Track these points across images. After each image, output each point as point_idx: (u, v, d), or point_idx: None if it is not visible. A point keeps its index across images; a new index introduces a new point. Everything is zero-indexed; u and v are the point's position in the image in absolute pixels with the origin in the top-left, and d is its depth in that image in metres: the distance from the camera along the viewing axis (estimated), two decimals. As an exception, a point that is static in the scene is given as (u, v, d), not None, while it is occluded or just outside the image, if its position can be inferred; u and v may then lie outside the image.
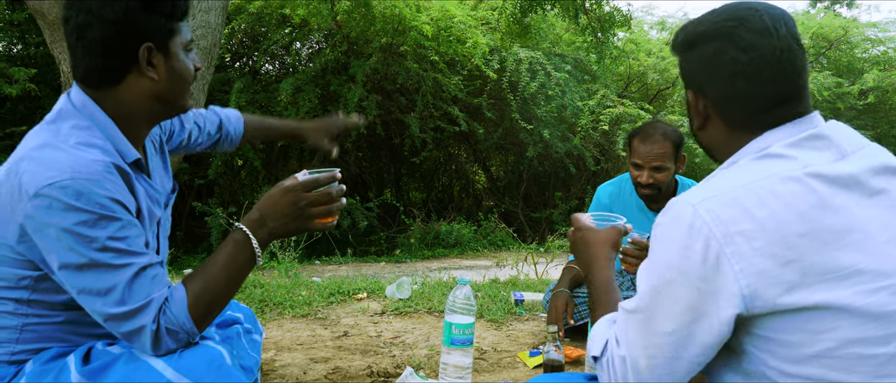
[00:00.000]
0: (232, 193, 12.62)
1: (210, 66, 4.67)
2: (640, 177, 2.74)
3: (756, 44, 1.08)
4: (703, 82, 1.15)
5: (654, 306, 1.06)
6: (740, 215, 0.98)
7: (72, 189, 1.15)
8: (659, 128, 2.75)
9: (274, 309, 3.38)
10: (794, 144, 1.06)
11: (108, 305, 1.19)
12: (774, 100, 1.09)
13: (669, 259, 1.04)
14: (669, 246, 1.04)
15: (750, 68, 1.08)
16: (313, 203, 1.32)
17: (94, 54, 1.27)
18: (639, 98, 15.07)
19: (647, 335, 1.06)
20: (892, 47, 16.18)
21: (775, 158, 1.05)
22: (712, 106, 1.16)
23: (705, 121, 1.19)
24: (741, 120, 1.13)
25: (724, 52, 1.10)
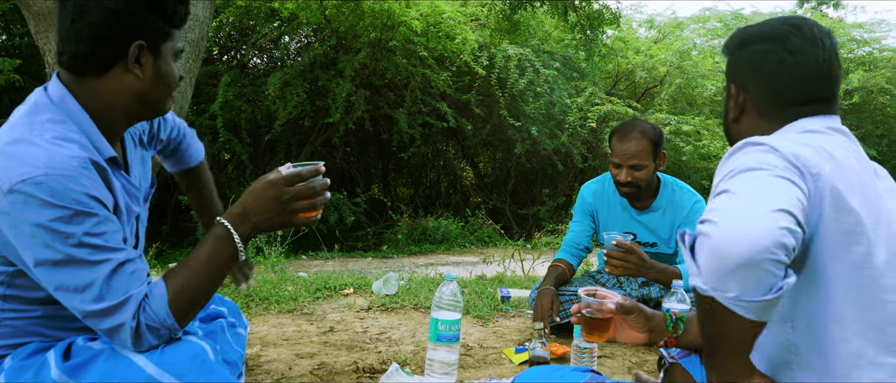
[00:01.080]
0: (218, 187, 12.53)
1: (197, 59, 4.63)
2: (618, 175, 2.77)
3: (804, 49, 1.24)
4: (747, 77, 1.31)
5: (740, 184, 1.06)
6: (813, 154, 1.10)
7: (47, 185, 1.13)
8: (637, 126, 2.76)
9: (259, 304, 3.36)
10: (830, 129, 1.23)
11: (86, 302, 1.17)
12: (809, 99, 1.25)
13: (747, 162, 1.08)
14: (746, 160, 1.09)
15: (795, 69, 1.24)
16: (297, 197, 1.30)
17: (86, 40, 1.25)
18: (627, 96, 15.12)
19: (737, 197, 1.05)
20: (877, 48, 16.33)
21: (818, 133, 1.21)
22: (752, 98, 1.31)
23: (741, 114, 1.34)
24: (775, 112, 1.28)
25: (773, 52, 1.26)
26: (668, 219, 2.86)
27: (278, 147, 12.99)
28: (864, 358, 1.06)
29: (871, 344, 1.06)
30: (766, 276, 0.94)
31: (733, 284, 0.95)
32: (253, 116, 12.15)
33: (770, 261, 0.93)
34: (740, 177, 1.06)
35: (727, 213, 0.98)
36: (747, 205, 0.98)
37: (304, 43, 12.92)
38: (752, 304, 0.96)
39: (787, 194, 1.00)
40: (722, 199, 1.02)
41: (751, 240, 0.93)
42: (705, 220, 1.01)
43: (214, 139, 11.21)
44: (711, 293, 0.99)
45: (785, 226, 0.95)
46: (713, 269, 0.97)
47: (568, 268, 3.00)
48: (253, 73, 12.66)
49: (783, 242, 0.94)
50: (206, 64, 11.69)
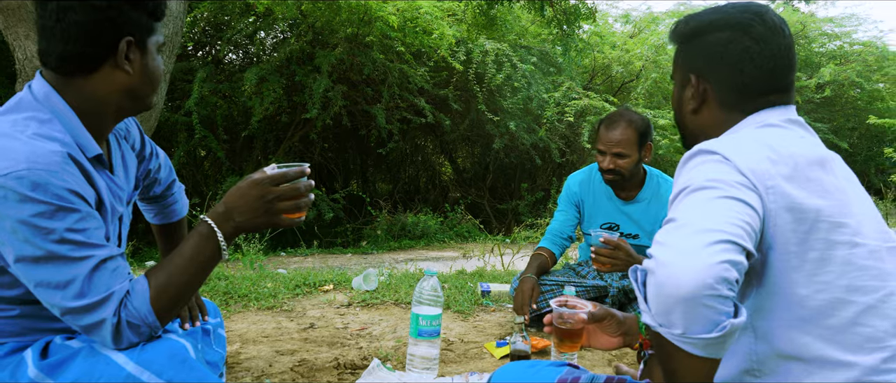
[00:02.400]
0: (195, 184, 12.42)
1: (172, 55, 4.58)
2: (602, 162, 2.80)
3: (768, 38, 1.23)
4: (709, 66, 1.28)
5: (686, 210, 1.04)
6: (769, 165, 1.09)
7: (28, 180, 1.12)
8: (625, 115, 2.78)
9: (238, 302, 3.34)
10: (787, 121, 1.22)
11: (66, 298, 1.16)
12: (771, 88, 1.24)
13: (698, 179, 1.07)
14: (698, 175, 1.08)
15: (759, 58, 1.23)
16: (281, 197, 1.29)
17: (73, 39, 1.23)
18: (604, 90, 15.22)
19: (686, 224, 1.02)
20: (847, 42, 16.60)
21: (776, 127, 1.20)
22: (713, 88, 1.28)
23: (701, 105, 1.31)
24: (737, 102, 1.26)
25: (737, 41, 1.24)
26: (653, 210, 2.89)
27: (255, 143, 12.88)
28: (831, 362, 1.05)
29: (836, 347, 1.05)
30: (710, 312, 0.93)
31: (678, 320, 0.95)
32: (229, 112, 12.04)
33: (712, 297, 0.92)
34: (688, 201, 1.05)
35: (670, 248, 0.97)
36: (689, 239, 0.96)
37: (281, 38, 12.82)
38: (699, 341, 0.94)
39: (735, 219, 0.99)
40: (667, 231, 1.01)
41: (691, 277, 0.92)
42: (652, 255, 0.99)
43: (190, 136, 11.09)
44: (659, 329, 0.98)
45: (727, 260, 0.93)
46: (658, 306, 0.97)
47: (550, 256, 3.02)
48: (228, 68, 12.53)
49: (725, 276, 0.92)
50: (181, 60, 11.56)
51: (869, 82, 15.01)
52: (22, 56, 3.86)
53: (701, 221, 0.99)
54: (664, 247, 0.98)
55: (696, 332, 0.94)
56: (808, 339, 1.06)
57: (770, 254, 1.07)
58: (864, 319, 1.06)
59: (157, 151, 1.72)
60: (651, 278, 0.98)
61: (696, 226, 0.98)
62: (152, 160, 1.68)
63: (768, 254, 1.07)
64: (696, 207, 1.03)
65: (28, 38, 3.81)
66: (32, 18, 3.77)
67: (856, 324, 1.06)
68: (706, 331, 0.94)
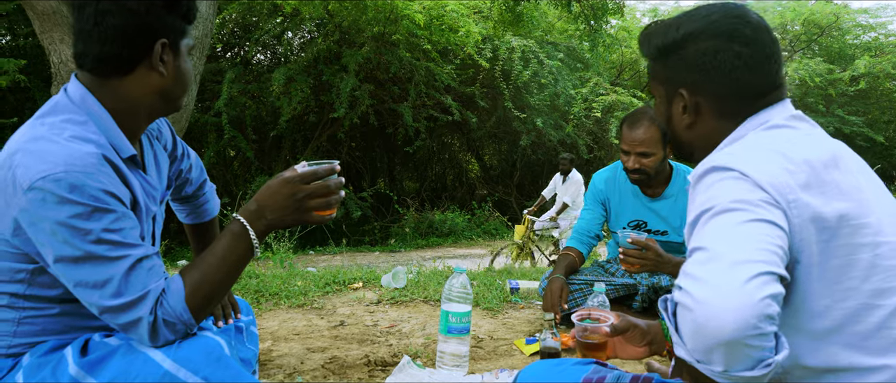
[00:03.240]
0: (225, 184, 12.58)
1: (202, 56, 4.64)
2: (627, 162, 2.76)
3: (755, 39, 1.17)
4: (698, 78, 1.21)
5: (715, 237, 0.98)
6: (787, 176, 1.04)
7: (66, 182, 1.14)
8: (647, 113, 2.74)
9: (270, 300, 3.37)
10: (790, 118, 1.17)
11: (104, 297, 1.18)
12: (768, 88, 1.19)
13: (721, 200, 1.02)
14: (718, 195, 1.03)
15: (752, 61, 1.17)
16: (312, 195, 1.30)
17: (111, 41, 1.26)
18: (631, 86, 15.10)
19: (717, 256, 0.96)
20: (882, 33, 16.24)
21: (782, 128, 1.15)
22: (707, 100, 1.22)
23: (696, 118, 1.25)
24: (734, 109, 1.20)
25: (725, 49, 1.17)
26: (680, 207, 2.86)
27: (284, 143, 13.01)
28: (860, 369, 1.02)
29: (864, 353, 1.02)
30: (754, 352, 0.88)
31: (718, 359, 0.90)
32: (258, 113, 12.18)
33: (755, 337, 0.87)
34: (714, 225, 0.99)
35: (706, 285, 0.91)
36: (726, 274, 0.90)
37: (308, 38, 12.93)
38: (740, 379, 0.90)
39: (768, 245, 0.94)
40: (699, 263, 0.95)
41: (733, 318, 0.87)
42: (683, 288, 0.94)
43: (220, 136, 11.24)
44: (697, 365, 0.94)
45: (769, 294, 0.88)
46: (696, 344, 0.92)
47: (578, 256, 3.00)
48: (257, 69, 12.67)
49: (768, 313, 0.88)
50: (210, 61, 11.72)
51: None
52: (57, 60, 3.94)
53: (734, 252, 0.93)
54: (699, 283, 0.92)
55: (739, 371, 0.90)
56: (834, 349, 1.03)
57: (796, 269, 1.03)
58: (892, 322, 1.02)
59: (188, 151, 1.74)
60: (687, 315, 0.93)
61: (731, 258, 0.92)
62: (184, 160, 1.71)
63: (794, 268, 1.03)
64: (724, 234, 0.97)
65: (63, 42, 3.89)
66: (67, 23, 3.85)
67: (884, 328, 1.02)
68: (748, 369, 0.90)
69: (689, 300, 0.92)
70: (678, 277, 0.97)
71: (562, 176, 8.29)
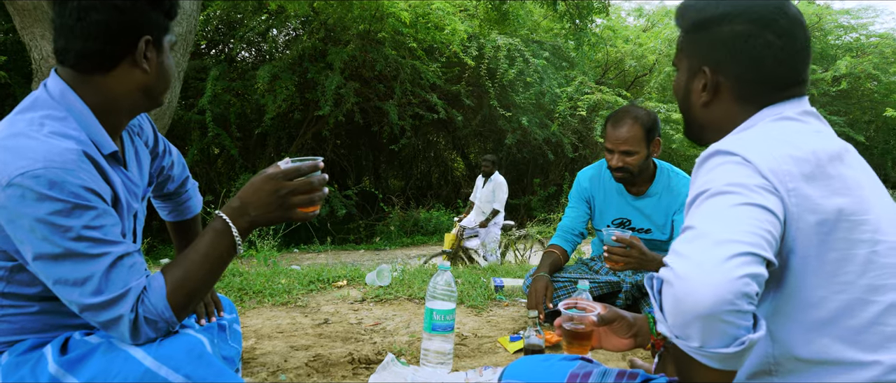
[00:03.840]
0: (209, 181, 12.51)
1: (185, 53, 4.61)
2: (611, 160, 2.78)
3: (791, 32, 1.18)
4: (725, 59, 1.21)
5: (705, 218, 1.00)
6: (791, 164, 1.05)
7: (45, 178, 1.13)
8: (631, 112, 2.76)
9: (253, 298, 3.36)
10: (802, 113, 1.18)
11: (84, 295, 1.17)
12: (791, 82, 1.20)
13: (718, 183, 1.03)
14: (717, 178, 1.04)
15: (781, 53, 1.18)
16: (295, 192, 1.30)
17: (94, 37, 1.25)
18: (616, 84, 15.17)
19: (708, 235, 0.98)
20: (864, 34, 16.42)
21: (792, 120, 1.16)
22: (729, 82, 1.22)
23: (713, 98, 1.25)
24: (753, 96, 1.21)
25: (758, 36, 1.18)
26: (664, 204, 2.87)
27: (268, 140, 12.95)
28: (851, 363, 1.03)
29: (856, 348, 1.03)
30: (729, 328, 0.91)
31: (695, 334, 0.92)
32: (242, 110, 12.11)
33: (731, 313, 0.89)
34: (707, 207, 1.01)
35: (688, 260, 0.94)
36: (709, 251, 0.93)
37: (293, 36, 12.87)
38: (716, 355, 0.93)
39: (756, 228, 0.96)
40: (685, 241, 0.97)
41: (710, 293, 0.89)
42: (668, 265, 0.96)
43: (203, 133, 11.16)
44: (676, 341, 0.96)
45: (747, 274, 0.90)
46: (675, 319, 0.94)
47: (562, 254, 3.02)
48: (241, 66, 12.61)
49: (745, 291, 0.90)
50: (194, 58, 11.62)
51: (886, 75, 14.83)
52: (38, 56, 3.90)
53: (721, 231, 0.95)
54: (682, 258, 0.95)
55: (714, 347, 0.92)
56: (826, 341, 1.04)
57: (791, 258, 1.04)
58: (885, 319, 1.03)
59: (169, 148, 1.73)
60: (668, 290, 0.96)
61: (716, 237, 0.94)
62: (165, 157, 1.70)
63: (788, 258, 1.04)
64: (715, 215, 0.99)
65: (44, 38, 3.85)
66: (48, 19, 3.81)
67: (876, 324, 1.03)
68: (724, 346, 0.92)
69: (671, 275, 0.95)
70: (667, 255, 0.99)
71: (483, 178, 7.99)
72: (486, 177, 7.93)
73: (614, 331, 1.57)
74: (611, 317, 1.54)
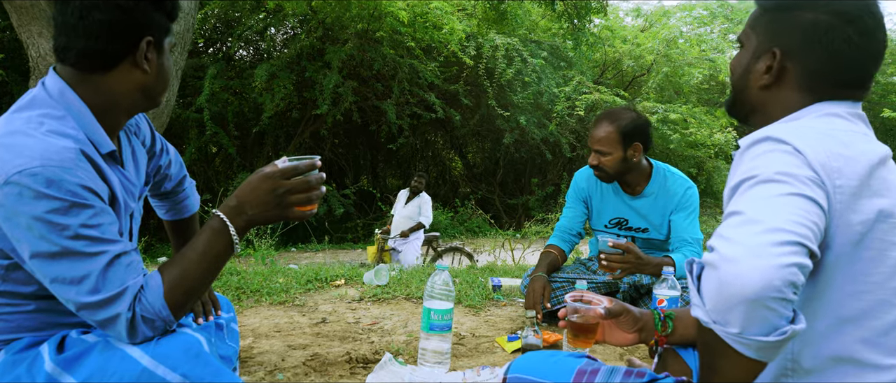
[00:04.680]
0: (206, 180, 12.49)
1: (183, 52, 4.60)
2: (590, 158, 2.88)
3: (872, 32, 1.15)
4: (800, 46, 1.18)
5: (754, 204, 0.99)
6: (842, 163, 1.04)
7: (42, 176, 1.13)
8: (613, 114, 2.83)
9: (251, 297, 3.35)
10: (853, 115, 1.16)
11: (81, 294, 1.16)
12: (857, 83, 1.17)
13: (767, 169, 1.02)
14: (767, 165, 1.03)
15: (858, 52, 1.15)
16: (292, 190, 1.30)
17: (95, 36, 1.25)
18: (614, 85, 15.16)
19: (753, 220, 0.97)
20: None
21: (841, 118, 1.14)
22: (797, 69, 1.19)
23: (775, 82, 1.22)
24: (815, 88, 1.18)
25: (840, 29, 1.14)
26: (660, 204, 2.88)
27: (266, 139, 12.94)
28: (869, 365, 1.03)
29: (875, 350, 1.03)
30: (772, 315, 0.90)
31: (736, 319, 0.91)
32: (240, 109, 12.10)
33: (776, 300, 0.89)
34: (755, 192, 1.00)
35: (737, 244, 0.93)
36: (758, 237, 0.92)
37: (291, 34, 12.86)
38: (753, 343, 0.92)
39: (804, 219, 0.95)
40: (732, 225, 0.97)
41: (759, 277, 0.89)
42: (714, 248, 0.96)
43: (201, 132, 11.14)
44: (712, 326, 0.95)
45: (795, 263, 0.90)
46: (717, 302, 0.93)
47: (560, 254, 3.03)
48: (239, 65, 12.59)
49: (792, 280, 0.89)
50: (192, 56, 11.61)
51: (883, 75, 14.87)
52: (35, 54, 3.89)
53: (769, 218, 0.94)
54: (730, 242, 0.94)
55: (754, 334, 0.91)
56: (848, 340, 1.04)
57: (826, 254, 1.03)
58: None
59: (167, 147, 1.73)
60: (711, 272, 0.94)
61: (766, 224, 0.93)
62: (163, 156, 1.69)
63: (825, 254, 1.03)
64: (764, 202, 0.97)
65: (41, 36, 3.84)
66: (46, 17, 3.80)
67: None
68: (763, 334, 0.91)
69: (716, 258, 0.94)
70: (711, 239, 0.99)
71: (410, 194, 7.92)
72: (414, 194, 7.87)
73: (620, 325, 1.57)
74: (618, 311, 1.54)
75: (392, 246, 7.69)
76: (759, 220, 0.94)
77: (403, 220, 7.79)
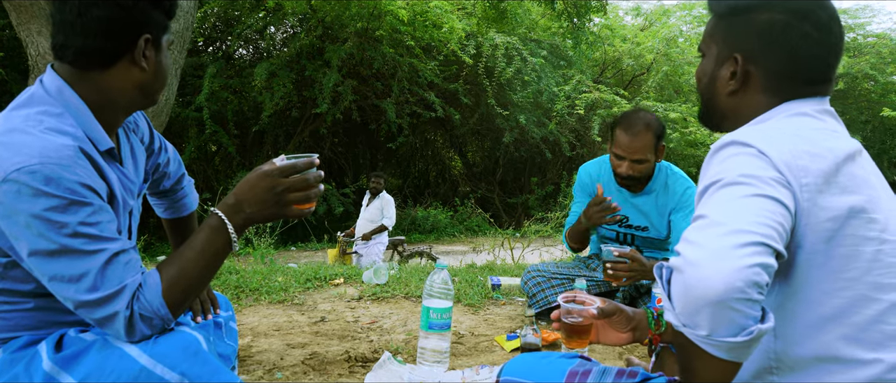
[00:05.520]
0: (206, 179, 12.49)
1: (182, 50, 4.60)
2: (620, 167, 2.71)
3: (827, 25, 1.16)
4: (759, 48, 1.19)
5: (717, 207, 1.00)
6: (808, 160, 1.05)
7: (41, 174, 1.12)
8: (642, 118, 2.68)
9: (250, 296, 3.35)
10: (821, 112, 1.17)
11: (80, 292, 1.16)
12: (821, 78, 1.18)
13: (731, 173, 1.03)
14: (730, 169, 1.04)
15: (816, 47, 1.16)
16: (290, 188, 1.29)
17: (94, 34, 1.25)
18: (614, 84, 15.15)
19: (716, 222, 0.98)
20: (861, 33, 16.42)
21: (810, 117, 1.15)
22: (759, 72, 1.20)
23: (741, 87, 1.22)
24: (780, 88, 1.18)
25: (795, 26, 1.15)
26: (661, 202, 2.87)
27: (266, 138, 12.94)
28: (853, 361, 1.03)
29: (858, 346, 1.03)
30: (738, 316, 0.91)
31: (704, 322, 0.92)
32: (240, 107, 12.10)
33: (741, 301, 0.90)
34: (719, 196, 1.01)
35: (700, 248, 0.94)
36: (720, 239, 0.93)
37: (290, 33, 12.85)
38: (723, 344, 0.93)
39: (767, 219, 0.96)
40: (697, 228, 0.98)
41: (721, 279, 0.89)
42: (680, 253, 0.96)
43: (201, 131, 11.14)
44: (682, 329, 0.96)
45: (758, 263, 0.91)
46: (684, 306, 0.94)
47: None
48: (239, 63, 12.58)
49: (755, 280, 0.90)
50: (192, 55, 11.60)
51: (883, 74, 14.84)
52: (35, 52, 3.89)
53: (733, 221, 0.95)
54: (694, 246, 0.95)
55: (722, 335, 0.92)
56: (829, 338, 1.04)
57: (798, 254, 1.04)
58: (887, 317, 1.03)
59: (165, 145, 1.73)
60: (678, 277, 0.96)
61: (728, 226, 0.94)
62: (161, 154, 1.69)
63: (796, 252, 1.04)
64: (727, 204, 0.98)
65: (40, 34, 3.84)
66: (45, 15, 3.80)
67: (879, 323, 1.03)
68: (732, 335, 0.92)
69: (681, 262, 0.95)
70: (678, 244, 0.99)
71: (370, 195, 7.81)
72: (374, 195, 7.72)
73: (613, 325, 1.57)
74: (610, 310, 1.54)
75: (354, 249, 7.54)
76: (721, 223, 0.95)
77: (365, 223, 7.64)
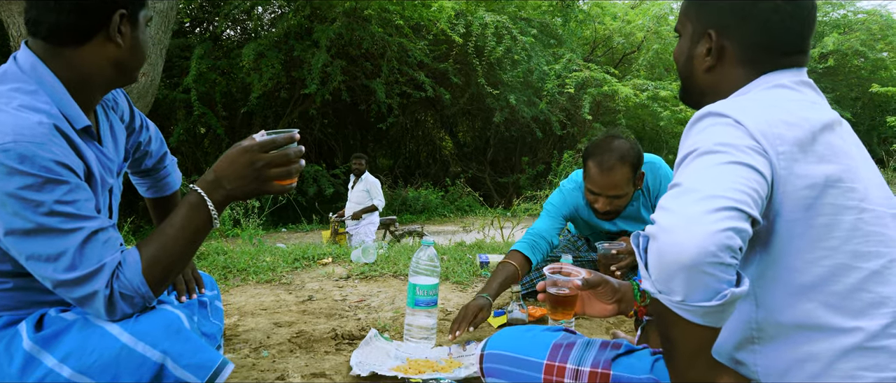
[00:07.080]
0: (195, 161, 12.42)
1: (167, 30, 4.55)
2: (596, 202, 2.52)
3: None
4: (732, 22, 1.21)
5: (692, 175, 1.01)
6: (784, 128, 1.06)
7: (15, 152, 1.11)
8: (616, 150, 2.43)
9: (237, 276, 3.35)
10: (799, 83, 1.18)
11: (58, 271, 1.15)
12: (795, 49, 1.19)
13: (707, 142, 1.04)
14: (707, 138, 1.05)
15: (788, 19, 1.17)
16: (271, 164, 1.28)
17: (67, 10, 1.23)
18: (604, 62, 15.12)
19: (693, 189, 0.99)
20: (851, 10, 16.42)
21: (787, 88, 1.16)
22: (734, 46, 1.22)
23: (717, 62, 1.24)
24: (756, 60, 1.20)
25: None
26: (644, 200, 2.79)
27: (255, 119, 12.86)
28: (834, 329, 1.04)
29: (839, 314, 1.04)
30: (711, 280, 0.92)
31: (678, 287, 0.94)
32: (228, 89, 12.01)
33: (714, 265, 0.91)
34: (695, 165, 1.02)
35: (673, 214, 0.95)
36: (694, 205, 0.94)
37: (278, 13, 12.73)
38: (698, 309, 0.94)
39: (741, 185, 0.97)
40: (672, 196, 0.99)
41: (694, 244, 0.91)
42: (655, 220, 0.98)
43: (189, 113, 11.06)
44: (658, 295, 0.97)
45: (731, 227, 0.92)
46: (659, 272, 0.96)
47: (522, 266, 2.61)
48: (227, 44, 12.47)
49: (728, 244, 0.91)
50: (178, 36, 11.48)
51: (872, 51, 14.87)
52: (17, 33, 3.84)
53: (706, 187, 0.96)
54: (667, 212, 0.96)
55: (696, 300, 0.93)
56: (810, 306, 1.05)
57: (777, 222, 1.05)
58: (867, 285, 1.04)
59: (147, 123, 1.71)
60: (653, 244, 0.97)
61: (702, 192, 0.96)
62: (142, 132, 1.68)
63: (775, 220, 1.05)
64: (702, 172, 1.00)
65: (21, 15, 3.79)
66: (25, -6, 3.75)
67: (859, 290, 1.04)
68: (706, 299, 0.93)
69: (656, 229, 0.97)
70: (654, 212, 1.00)
71: (354, 176, 7.88)
72: (357, 176, 7.79)
73: (599, 297, 1.57)
74: (596, 281, 1.54)
75: (346, 230, 7.62)
76: (696, 189, 0.97)
77: (353, 205, 7.75)
